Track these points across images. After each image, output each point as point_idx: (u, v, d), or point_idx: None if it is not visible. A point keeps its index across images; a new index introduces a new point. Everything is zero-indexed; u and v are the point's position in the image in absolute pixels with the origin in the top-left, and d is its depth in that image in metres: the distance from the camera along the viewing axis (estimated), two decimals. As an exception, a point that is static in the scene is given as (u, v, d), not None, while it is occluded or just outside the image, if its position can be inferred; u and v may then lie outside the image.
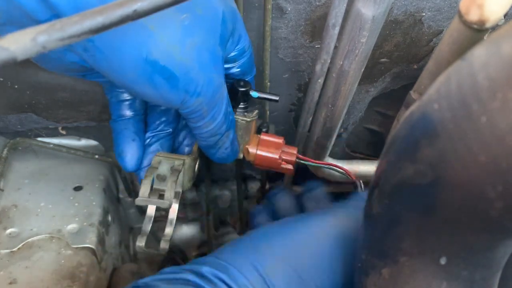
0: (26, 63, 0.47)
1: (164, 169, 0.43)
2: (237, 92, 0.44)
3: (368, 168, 0.62)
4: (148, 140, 0.45)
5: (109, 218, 0.58)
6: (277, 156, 0.46)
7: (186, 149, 0.48)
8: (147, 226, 0.43)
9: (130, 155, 0.43)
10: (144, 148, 0.45)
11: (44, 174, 0.57)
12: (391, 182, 0.28)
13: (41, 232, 0.51)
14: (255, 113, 0.46)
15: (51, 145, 0.58)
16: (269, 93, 0.45)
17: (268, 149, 0.47)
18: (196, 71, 0.35)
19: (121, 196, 0.67)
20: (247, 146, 0.47)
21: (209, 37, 0.36)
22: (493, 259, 0.28)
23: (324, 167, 0.50)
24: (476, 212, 0.23)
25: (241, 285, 0.35)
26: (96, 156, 0.60)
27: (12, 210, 0.53)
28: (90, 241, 0.51)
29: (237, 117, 0.45)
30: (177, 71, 0.34)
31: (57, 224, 0.52)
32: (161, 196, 0.42)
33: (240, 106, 0.45)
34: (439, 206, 0.24)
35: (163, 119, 0.46)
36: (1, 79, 0.49)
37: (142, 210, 0.71)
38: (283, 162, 0.47)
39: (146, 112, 0.46)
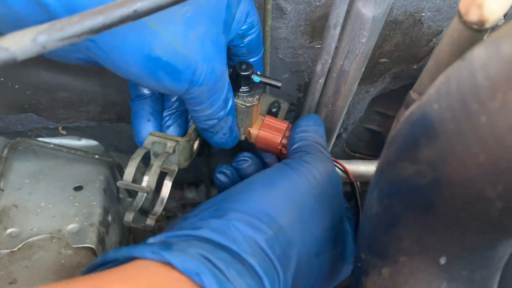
0: (26, 63, 0.47)
1: (157, 150, 0.43)
2: (238, 76, 0.43)
3: (368, 168, 0.62)
4: (166, 120, 0.46)
5: (109, 218, 0.58)
6: (278, 140, 0.47)
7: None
8: (138, 203, 0.44)
9: (145, 135, 0.44)
10: (160, 128, 0.46)
11: (44, 174, 0.57)
12: (391, 182, 0.28)
13: (41, 232, 0.51)
14: (255, 98, 0.45)
15: (51, 145, 0.58)
16: (272, 78, 0.45)
17: (270, 132, 0.47)
18: (200, 63, 0.35)
19: (121, 196, 0.67)
20: (249, 128, 0.47)
21: (213, 26, 0.36)
22: (493, 259, 0.28)
23: None
24: (476, 212, 0.23)
25: (257, 230, 0.34)
26: (96, 156, 0.60)
27: (12, 210, 0.53)
28: (90, 241, 0.51)
29: (237, 101, 0.44)
30: (180, 65, 0.34)
31: (57, 224, 0.52)
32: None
33: (242, 89, 0.44)
34: (438, 206, 0.24)
35: (177, 97, 0.46)
36: (2, 79, 0.49)
37: (143, 210, 0.71)
38: (283, 149, 0.47)
39: None
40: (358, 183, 0.51)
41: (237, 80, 0.44)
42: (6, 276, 0.46)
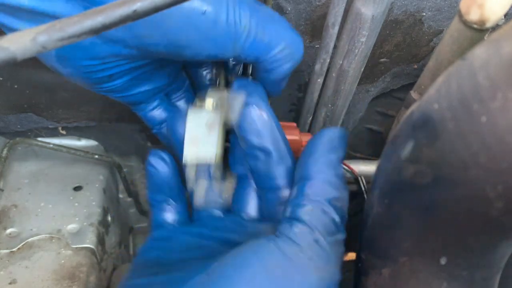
0: (26, 63, 0.47)
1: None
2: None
3: (368, 168, 0.62)
4: (176, 97, 0.45)
5: (109, 218, 0.58)
6: (297, 137, 0.43)
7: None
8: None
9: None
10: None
11: (44, 174, 0.57)
12: (391, 182, 0.28)
13: (41, 232, 0.51)
14: None
15: (51, 145, 0.58)
16: None
17: (286, 133, 0.42)
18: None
19: (121, 196, 0.67)
20: None
21: None
22: (493, 260, 0.28)
23: None
24: (476, 212, 0.23)
25: None
26: (96, 156, 0.59)
27: (12, 210, 0.53)
28: (90, 241, 0.51)
29: None
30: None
31: (57, 224, 0.52)
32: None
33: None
34: (439, 206, 0.24)
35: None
36: (1, 79, 0.49)
37: (142, 210, 0.71)
38: (303, 142, 0.44)
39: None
40: (363, 178, 0.50)
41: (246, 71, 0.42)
42: (6, 276, 0.46)
